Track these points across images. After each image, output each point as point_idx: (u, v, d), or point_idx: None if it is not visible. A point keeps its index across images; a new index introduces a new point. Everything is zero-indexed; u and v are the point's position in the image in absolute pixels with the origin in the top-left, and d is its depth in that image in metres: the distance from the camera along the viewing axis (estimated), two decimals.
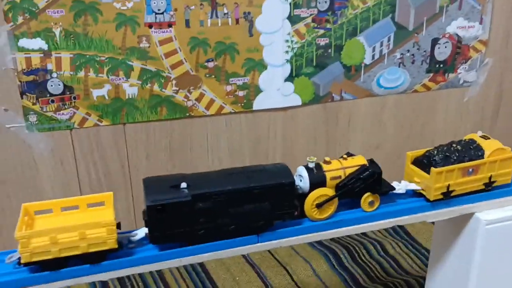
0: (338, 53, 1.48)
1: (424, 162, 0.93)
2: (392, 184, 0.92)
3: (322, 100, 1.52)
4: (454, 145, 0.95)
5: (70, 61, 1.26)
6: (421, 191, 0.93)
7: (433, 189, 0.90)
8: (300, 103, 1.50)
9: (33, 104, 1.27)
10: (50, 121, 1.30)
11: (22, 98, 1.26)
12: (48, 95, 1.28)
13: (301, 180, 0.86)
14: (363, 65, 1.52)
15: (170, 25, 1.30)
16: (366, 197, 0.88)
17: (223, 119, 1.46)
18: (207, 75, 1.39)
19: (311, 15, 1.41)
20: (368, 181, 0.87)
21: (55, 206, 0.80)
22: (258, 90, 1.45)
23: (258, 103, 1.46)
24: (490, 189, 0.95)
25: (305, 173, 0.85)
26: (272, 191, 0.81)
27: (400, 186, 0.93)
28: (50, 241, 0.71)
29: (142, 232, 0.80)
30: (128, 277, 1.38)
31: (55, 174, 1.35)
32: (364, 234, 1.58)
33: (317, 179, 0.85)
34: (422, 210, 0.93)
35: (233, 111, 1.45)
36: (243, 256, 1.48)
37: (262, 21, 1.37)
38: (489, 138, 0.96)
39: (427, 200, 0.92)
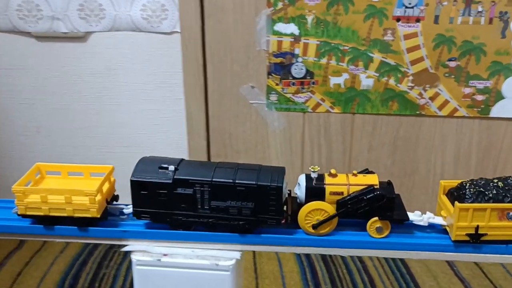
0: None
1: (455, 195, 0.79)
2: (413, 213, 0.81)
3: None
4: (496, 180, 0.79)
5: (316, 47, 1.33)
6: (446, 227, 0.80)
7: (455, 227, 0.76)
8: None
9: (276, 84, 1.38)
10: (288, 102, 1.39)
11: (268, 78, 1.37)
12: (291, 78, 1.37)
13: (299, 189, 0.80)
14: None
15: (418, 20, 1.28)
16: (373, 222, 0.79)
17: (455, 122, 1.39)
18: (446, 75, 1.33)
19: None
20: (374, 204, 0.77)
21: (63, 169, 0.87)
22: (499, 96, 1.34)
23: (497, 110, 1.36)
24: None
25: (303, 182, 0.79)
26: (256, 192, 0.76)
27: (422, 218, 0.81)
28: (41, 200, 0.78)
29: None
30: (332, 261, 1.41)
31: (283, 151, 1.45)
32: None
33: (315, 191, 0.78)
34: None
35: (467, 115, 1.37)
36: (452, 268, 1.41)
37: None
38: None
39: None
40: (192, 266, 0.86)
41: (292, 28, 1.32)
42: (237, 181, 0.77)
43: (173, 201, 0.79)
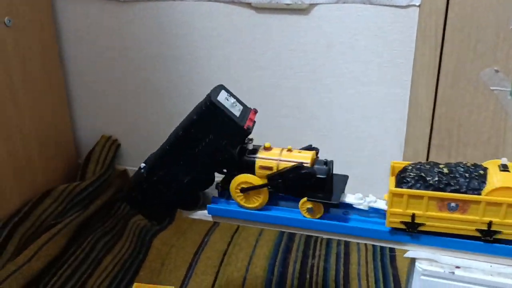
0: None
1: (399, 178, 0.72)
2: (354, 196, 0.77)
3: None
4: (443, 165, 0.71)
5: None
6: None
7: (388, 213, 0.71)
8: None
9: None
10: None
11: None
12: None
13: None
14: None
15: None
16: (304, 202, 0.76)
17: None
18: None
19: None
20: (302, 183, 0.74)
21: None
22: None
23: None
24: (490, 241, 0.70)
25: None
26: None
27: (363, 201, 0.77)
28: None
29: None
30: None
31: None
32: None
33: (245, 163, 0.77)
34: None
35: None
36: None
37: None
38: (508, 171, 0.68)
39: None
40: (492, 285, 0.73)
41: None
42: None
43: (155, 191, 0.83)
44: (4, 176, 1.38)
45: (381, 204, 0.77)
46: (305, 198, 0.75)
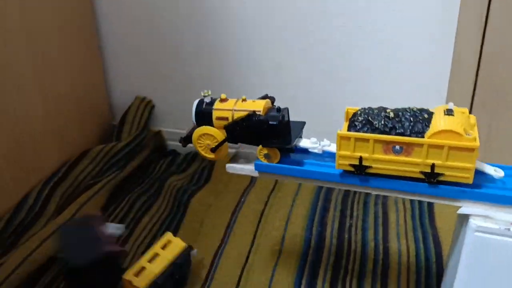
0: None
1: (349, 123, 0.75)
2: (309, 140, 0.81)
3: None
4: (389, 110, 0.73)
5: None
6: None
7: (337, 156, 0.74)
8: None
9: None
10: None
11: None
12: None
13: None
14: None
15: None
16: (261, 149, 0.80)
17: None
18: None
19: None
20: (255, 131, 0.77)
21: None
22: None
23: None
24: (434, 182, 0.72)
25: (194, 107, 0.81)
26: None
27: (317, 145, 0.81)
28: None
29: None
30: None
31: None
32: None
33: (203, 116, 0.81)
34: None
35: None
36: None
37: None
38: (452, 115, 0.69)
39: None
40: None
41: None
42: None
43: None
44: (42, 137, 1.39)
45: (334, 148, 0.78)
46: (261, 145, 0.80)
